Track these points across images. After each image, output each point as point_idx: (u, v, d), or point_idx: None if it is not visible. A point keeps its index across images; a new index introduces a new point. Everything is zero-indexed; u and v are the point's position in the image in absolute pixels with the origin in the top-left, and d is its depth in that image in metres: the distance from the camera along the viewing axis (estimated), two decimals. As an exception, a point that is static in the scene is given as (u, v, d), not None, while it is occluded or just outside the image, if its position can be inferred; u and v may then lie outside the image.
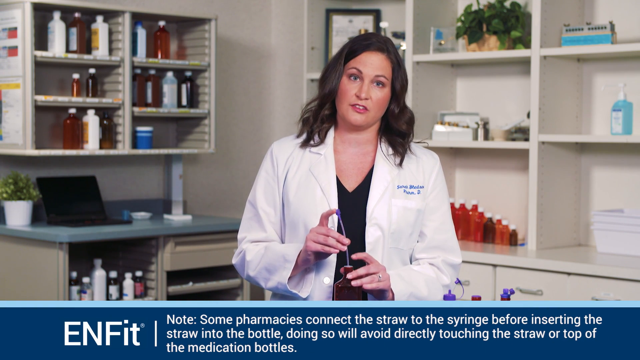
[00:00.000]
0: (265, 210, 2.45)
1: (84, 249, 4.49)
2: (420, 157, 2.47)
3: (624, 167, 4.14)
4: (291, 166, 2.44)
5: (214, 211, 5.19)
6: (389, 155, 2.44)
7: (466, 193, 4.59)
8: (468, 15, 4.34)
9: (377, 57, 2.37)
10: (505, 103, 4.48)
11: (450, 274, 2.44)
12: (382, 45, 2.38)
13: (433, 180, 2.46)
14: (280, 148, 2.48)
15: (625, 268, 3.59)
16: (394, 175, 2.41)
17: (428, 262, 2.44)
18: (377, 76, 2.35)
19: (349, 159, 2.45)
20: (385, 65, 2.37)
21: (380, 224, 2.37)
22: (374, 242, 2.37)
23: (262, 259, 2.38)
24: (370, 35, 2.41)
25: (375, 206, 2.38)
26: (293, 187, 2.42)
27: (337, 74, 2.38)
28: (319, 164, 2.42)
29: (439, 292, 2.41)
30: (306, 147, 2.45)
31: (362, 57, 2.37)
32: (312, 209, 2.38)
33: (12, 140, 4.26)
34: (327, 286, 2.36)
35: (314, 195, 2.39)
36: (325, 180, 2.39)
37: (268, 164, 2.48)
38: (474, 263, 3.98)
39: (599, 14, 4.19)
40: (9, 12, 4.25)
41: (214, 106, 4.82)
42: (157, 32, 4.71)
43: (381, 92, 2.37)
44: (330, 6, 4.99)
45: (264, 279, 2.39)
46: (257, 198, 2.46)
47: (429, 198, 2.45)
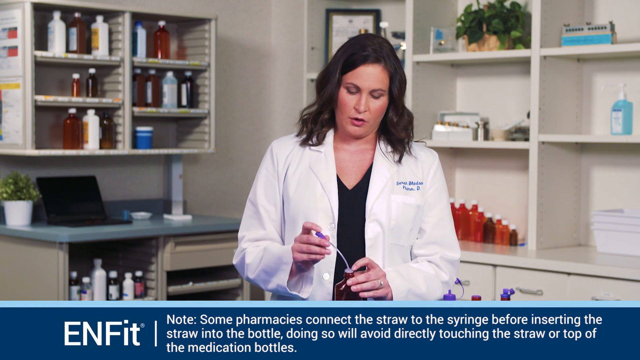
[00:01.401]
0: (265, 208, 2.46)
1: (84, 249, 4.49)
2: (419, 154, 2.48)
3: (624, 167, 4.14)
4: (291, 163, 2.45)
5: (214, 211, 5.19)
6: (387, 152, 2.45)
7: (466, 193, 4.59)
8: (468, 15, 4.34)
9: (374, 69, 2.36)
10: (505, 103, 4.48)
11: (449, 271, 2.45)
12: (379, 55, 2.36)
13: (432, 176, 2.47)
14: (280, 146, 2.49)
15: (625, 268, 3.59)
16: (393, 172, 2.42)
17: (427, 260, 2.45)
18: (374, 90, 2.36)
19: (349, 157, 2.46)
20: (383, 77, 2.36)
21: (380, 219, 2.38)
22: (374, 239, 2.38)
23: (261, 262, 2.39)
24: (366, 42, 2.38)
25: (374, 202, 2.39)
26: (293, 183, 2.42)
27: (336, 82, 2.39)
28: (319, 161, 2.43)
29: (438, 288, 2.41)
30: (306, 145, 2.46)
31: (359, 71, 2.36)
32: (313, 205, 2.38)
33: (12, 140, 4.26)
34: (327, 282, 2.37)
35: (314, 191, 2.39)
36: (325, 177, 2.40)
37: (268, 162, 2.48)
38: (474, 263, 3.98)
39: (599, 14, 4.19)
40: (9, 12, 4.25)
41: (214, 106, 4.82)
42: (157, 32, 4.71)
43: (379, 102, 2.38)
44: (330, 6, 4.99)
45: (263, 281, 2.40)
46: (257, 196, 2.47)
47: (427, 194, 2.46)
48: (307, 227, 2.26)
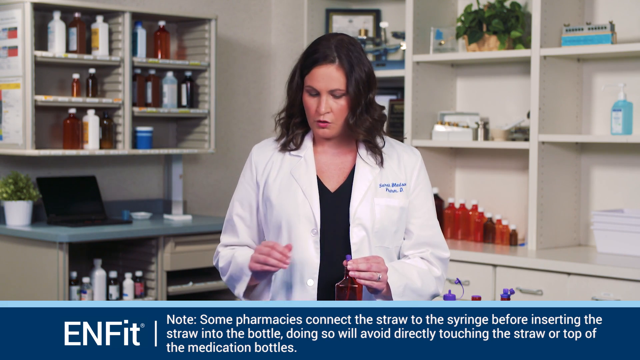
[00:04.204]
0: (240, 215, 2.49)
1: (84, 249, 4.49)
2: (401, 155, 2.46)
3: (624, 167, 4.14)
4: (271, 170, 2.45)
5: (214, 211, 5.19)
6: (368, 155, 2.43)
7: (466, 193, 4.59)
8: (468, 15, 4.34)
9: (326, 69, 2.34)
10: (505, 103, 4.48)
11: (440, 267, 2.46)
12: (333, 55, 2.34)
13: (415, 177, 2.46)
14: (260, 153, 2.51)
15: (625, 268, 3.59)
16: (375, 174, 2.41)
17: (419, 256, 2.45)
18: (331, 90, 2.35)
19: (330, 159, 2.44)
20: (338, 76, 2.34)
21: (364, 223, 2.37)
22: (359, 243, 2.37)
23: (229, 268, 2.43)
24: (322, 44, 2.37)
25: (358, 206, 2.37)
26: (275, 190, 2.42)
27: (297, 86, 2.42)
28: (299, 166, 2.42)
29: (432, 283, 2.41)
30: (285, 150, 2.46)
31: (313, 73, 2.36)
32: (295, 211, 2.38)
33: (12, 140, 4.26)
34: (311, 288, 2.36)
35: (295, 197, 2.39)
36: (306, 182, 2.39)
37: (247, 170, 2.51)
38: (474, 263, 3.98)
39: (599, 14, 4.19)
40: (9, 12, 4.25)
41: (214, 106, 4.82)
42: (157, 32, 4.71)
43: (340, 102, 2.36)
44: (330, 6, 4.99)
45: (231, 286, 2.44)
46: (233, 203, 2.52)
47: (412, 195, 2.45)
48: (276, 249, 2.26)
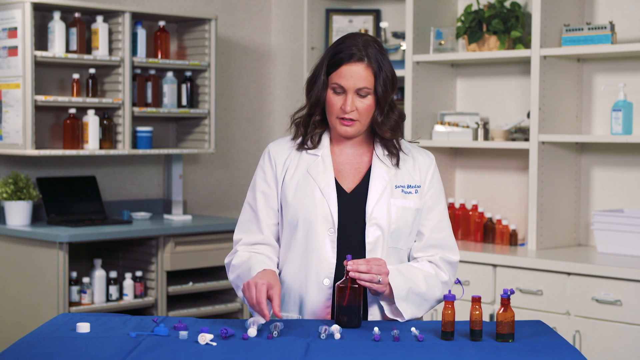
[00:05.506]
0: (263, 212, 2.45)
1: (84, 249, 4.49)
2: (416, 157, 2.48)
3: (624, 167, 4.14)
4: (289, 167, 2.44)
5: (214, 211, 5.19)
6: (385, 155, 2.44)
7: (466, 193, 4.59)
8: (468, 15, 4.34)
9: (357, 68, 2.35)
10: (505, 103, 4.48)
11: (449, 271, 2.45)
12: (361, 53, 2.35)
13: (429, 179, 2.47)
14: (278, 149, 2.48)
15: (625, 268, 3.59)
16: (391, 175, 2.42)
17: (427, 260, 2.45)
18: (359, 89, 2.35)
19: (346, 159, 2.45)
20: (367, 75, 2.35)
21: (380, 223, 2.38)
22: (374, 242, 2.38)
23: (240, 267, 2.40)
24: (349, 43, 2.38)
25: (374, 206, 2.38)
26: (291, 188, 2.42)
27: (322, 84, 2.39)
28: (316, 165, 2.42)
29: (438, 288, 2.41)
30: (302, 149, 2.45)
31: (342, 70, 2.35)
32: (312, 210, 2.38)
33: (12, 140, 4.26)
34: (327, 287, 2.37)
35: (313, 196, 2.39)
36: (324, 181, 2.40)
37: (266, 165, 2.48)
38: (474, 263, 3.98)
39: (599, 14, 4.19)
40: (9, 12, 4.25)
41: (214, 106, 4.82)
42: (157, 32, 4.71)
43: (366, 101, 2.37)
44: (330, 6, 4.99)
45: (236, 286, 2.42)
46: (256, 199, 2.46)
47: (425, 197, 2.46)
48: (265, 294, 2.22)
